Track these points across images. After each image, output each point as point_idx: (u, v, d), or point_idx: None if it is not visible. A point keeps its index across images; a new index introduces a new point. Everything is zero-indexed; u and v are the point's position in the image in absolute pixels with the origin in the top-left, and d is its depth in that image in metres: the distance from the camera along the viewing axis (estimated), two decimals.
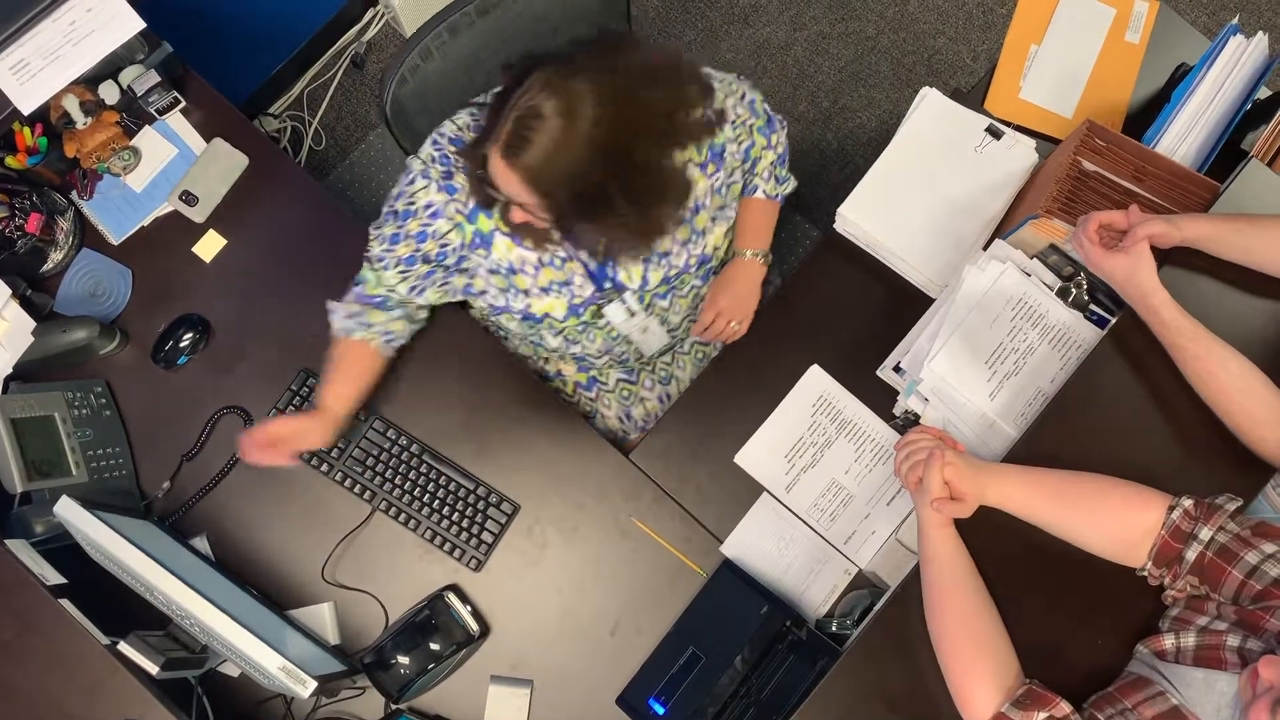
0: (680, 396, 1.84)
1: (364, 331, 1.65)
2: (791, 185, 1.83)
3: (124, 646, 1.46)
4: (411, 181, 1.56)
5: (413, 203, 1.55)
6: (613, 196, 1.34)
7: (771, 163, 1.76)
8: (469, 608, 1.68)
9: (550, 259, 1.60)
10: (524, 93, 1.31)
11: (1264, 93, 1.76)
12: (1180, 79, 1.81)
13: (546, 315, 1.67)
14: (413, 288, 1.63)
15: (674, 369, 1.99)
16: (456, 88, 1.81)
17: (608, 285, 1.65)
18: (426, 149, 1.56)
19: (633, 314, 1.72)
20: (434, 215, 1.55)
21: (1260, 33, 1.72)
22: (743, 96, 1.66)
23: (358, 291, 1.66)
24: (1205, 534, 1.28)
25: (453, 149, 1.54)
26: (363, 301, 1.65)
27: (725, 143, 1.61)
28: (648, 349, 1.85)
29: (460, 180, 1.53)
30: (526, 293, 1.63)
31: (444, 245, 1.58)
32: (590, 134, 1.28)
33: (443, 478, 1.75)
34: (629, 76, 1.32)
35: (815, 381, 1.77)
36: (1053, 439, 1.48)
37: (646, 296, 1.70)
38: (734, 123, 1.62)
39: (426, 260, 1.59)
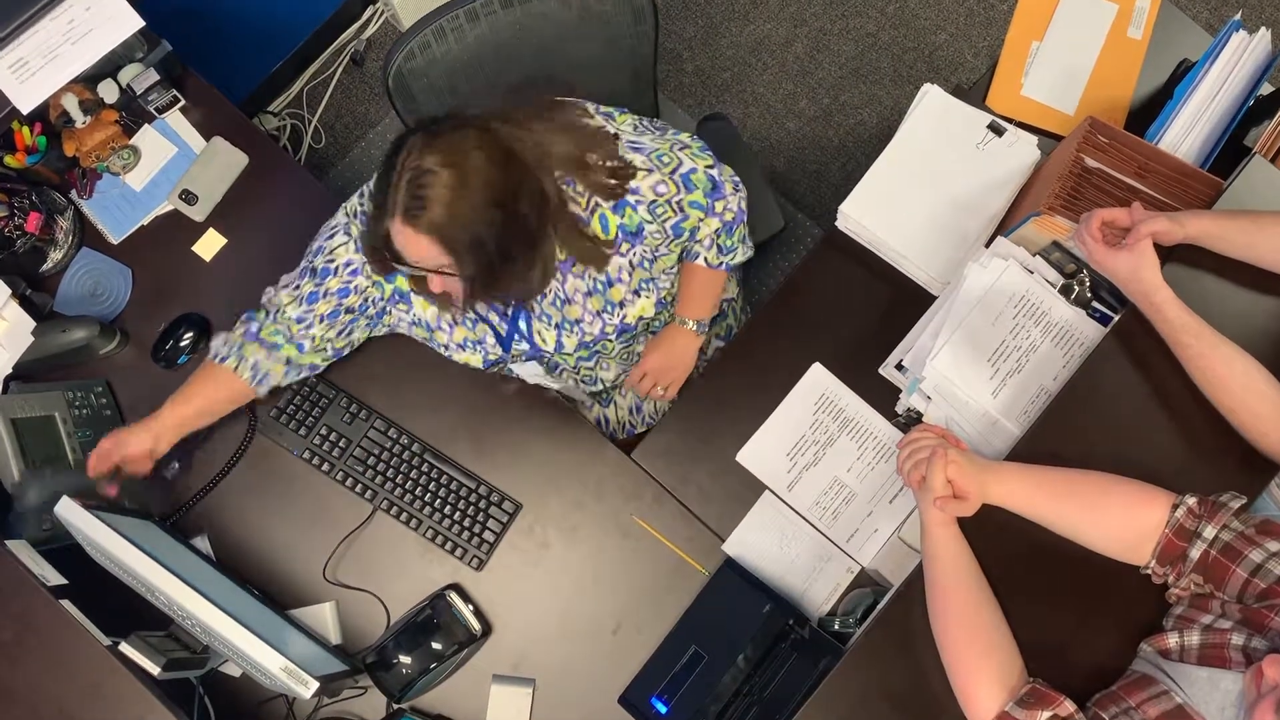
0: (681, 395, 1.84)
1: (238, 362, 1.61)
2: (743, 255, 1.75)
3: (125, 647, 1.46)
4: (332, 237, 1.57)
5: (332, 259, 1.57)
6: (517, 237, 1.37)
7: (715, 231, 1.66)
8: (471, 607, 1.67)
9: (462, 319, 1.63)
10: (405, 156, 1.32)
11: (1267, 89, 1.76)
12: (1183, 75, 1.80)
13: (466, 364, 1.69)
14: (340, 332, 1.62)
15: (598, 370, 1.95)
16: (466, 70, 1.81)
17: (519, 345, 1.66)
18: (352, 202, 1.58)
19: (549, 373, 1.73)
20: (354, 273, 1.58)
21: (1263, 28, 1.71)
22: (674, 172, 1.54)
23: (250, 330, 1.62)
24: (1209, 532, 1.27)
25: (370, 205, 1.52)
26: (249, 339, 1.62)
27: (640, 223, 1.54)
28: (574, 394, 1.86)
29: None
30: (445, 346, 1.67)
31: (365, 299, 1.60)
32: (484, 176, 1.31)
33: (444, 477, 1.74)
34: (505, 119, 1.37)
35: (817, 379, 1.76)
36: (1056, 437, 1.48)
37: (570, 360, 1.72)
38: (654, 202, 1.53)
39: (350, 311, 1.61)
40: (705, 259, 1.72)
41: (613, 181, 1.49)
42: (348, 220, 1.58)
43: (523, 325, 1.65)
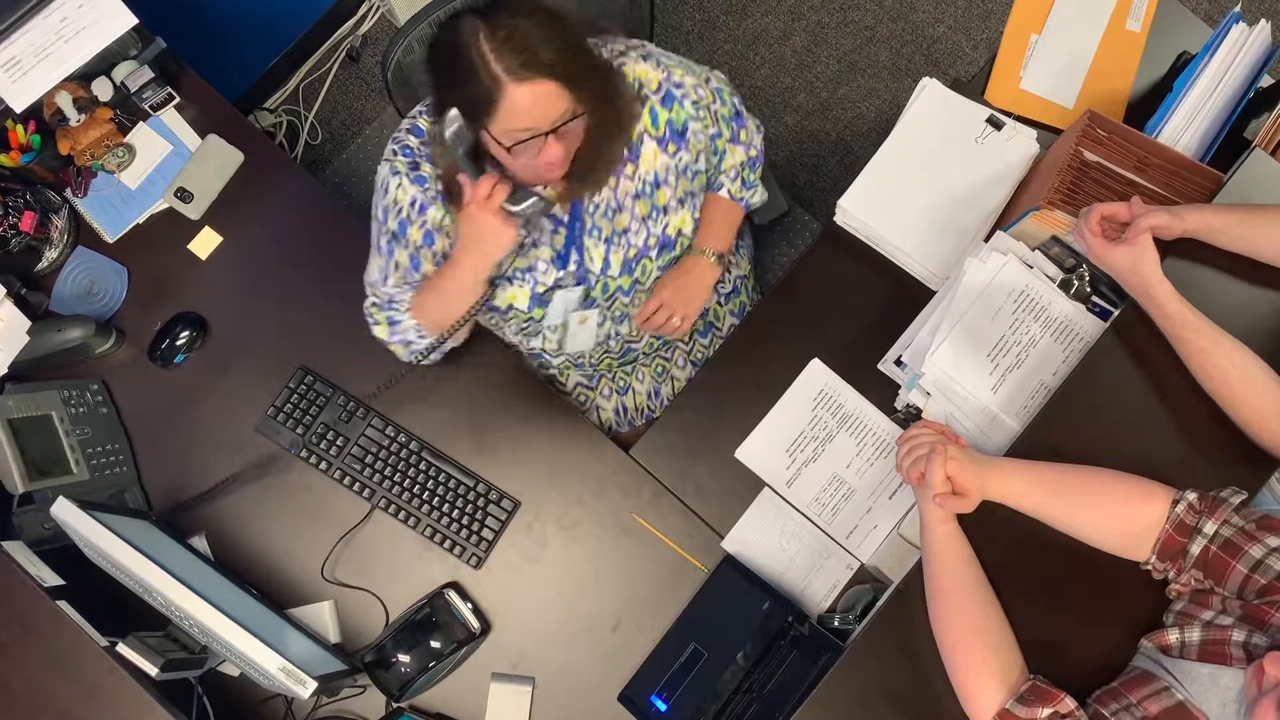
0: (680, 392, 1.83)
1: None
2: (760, 196, 1.80)
3: (123, 648, 1.46)
4: (386, 188, 1.55)
5: (400, 208, 1.55)
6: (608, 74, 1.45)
7: (740, 163, 1.74)
8: (470, 605, 1.67)
9: (528, 237, 1.61)
10: (473, 36, 1.31)
11: (1267, 81, 1.75)
12: (1182, 68, 1.80)
13: (511, 307, 1.66)
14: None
15: (633, 380, 1.97)
16: None
17: (572, 266, 1.65)
18: (388, 146, 1.56)
19: (584, 300, 1.71)
20: (422, 209, 1.55)
21: (1263, 20, 1.70)
22: (707, 81, 1.64)
23: (393, 335, 1.65)
24: (1209, 528, 1.27)
25: (414, 139, 1.54)
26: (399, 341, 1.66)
27: (687, 120, 1.60)
28: (573, 345, 1.81)
29: (427, 170, 1.53)
30: (492, 281, 1.62)
31: (443, 232, 1.58)
32: (560, 15, 1.35)
33: (442, 475, 1.74)
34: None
35: (816, 375, 1.76)
36: (1055, 432, 1.47)
37: (612, 286, 1.69)
38: (696, 102, 1.60)
39: (446, 255, 1.60)
40: (729, 190, 1.76)
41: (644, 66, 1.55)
42: (389, 162, 1.55)
43: (575, 246, 1.63)
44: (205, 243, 1.86)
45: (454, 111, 1.39)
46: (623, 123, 1.53)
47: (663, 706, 1.59)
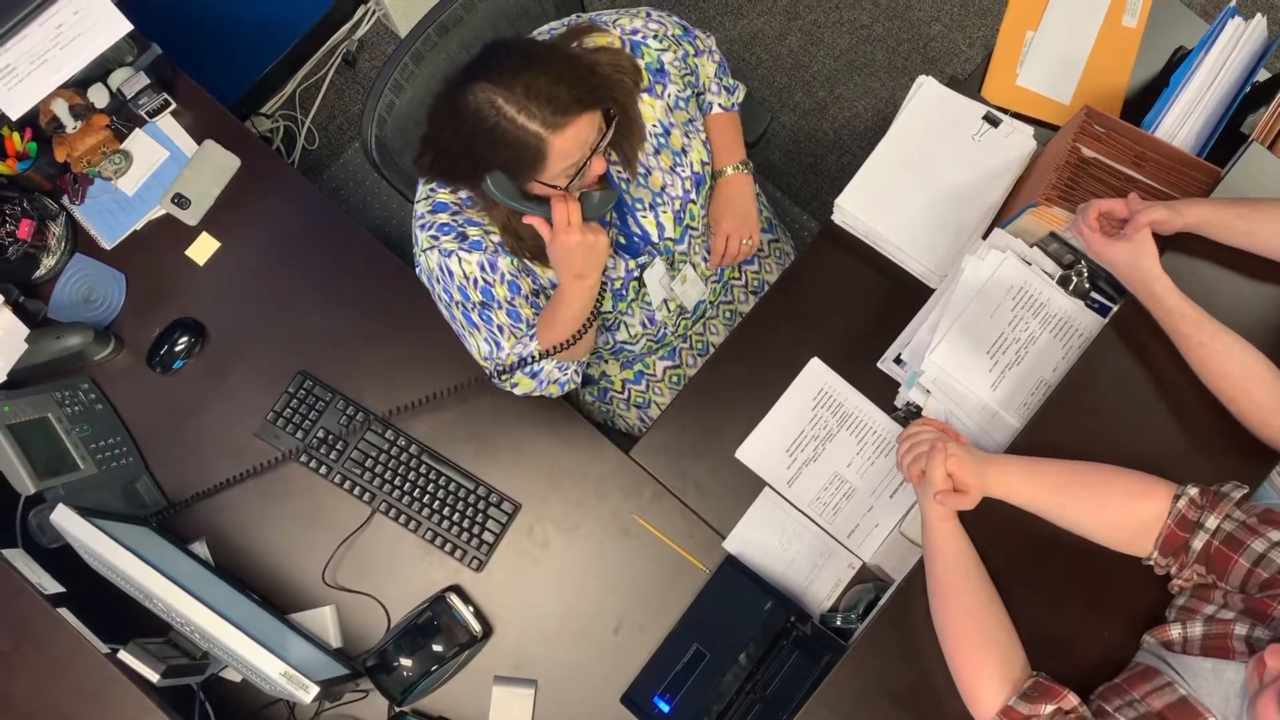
0: (680, 392, 1.83)
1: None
2: (742, 92, 1.83)
3: (124, 655, 1.46)
4: (450, 272, 1.56)
5: (475, 277, 1.56)
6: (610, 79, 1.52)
7: (714, 74, 1.76)
8: (471, 608, 1.67)
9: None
10: (492, 108, 1.34)
11: (1263, 75, 1.75)
12: (1178, 63, 1.79)
13: (599, 313, 1.67)
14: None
15: (708, 335, 1.98)
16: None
17: (637, 242, 1.67)
18: (421, 236, 1.57)
19: (670, 267, 1.73)
20: (494, 266, 1.56)
21: (1259, 14, 1.70)
22: (649, 15, 1.67)
23: (536, 388, 1.67)
24: (1211, 522, 1.27)
25: (445, 215, 1.55)
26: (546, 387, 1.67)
27: (659, 55, 1.63)
28: (690, 300, 1.84)
29: (476, 233, 1.55)
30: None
31: (527, 272, 1.61)
32: (557, 50, 1.44)
33: (442, 478, 1.74)
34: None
35: (815, 374, 1.75)
36: (1056, 429, 1.47)
37: (671, 247, 1.71)
38: (656, 35, 1.64)
39: (536, 293, 1.63)
40: (719, 105, 1.77)
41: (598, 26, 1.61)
42: (435, 249, 1.55)
43: (631, 223, 1.66)
44: (203, 248, 1.86)
45: (496, 173, 1.41)
46: (633, 99, 1.58)
47: (666, 708, 1.59)
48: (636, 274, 1.70)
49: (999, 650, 1.29)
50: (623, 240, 1.67)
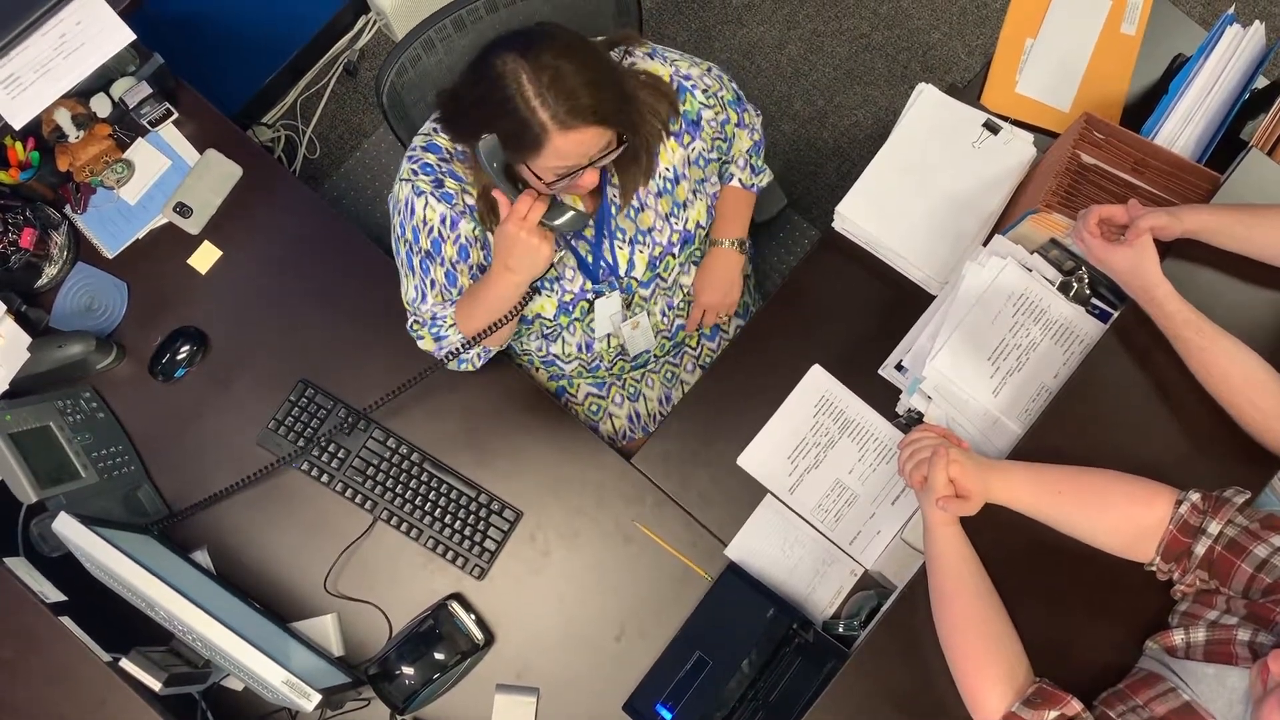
0: (681, 399, 1.83)
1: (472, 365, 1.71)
2: (768, 177, 1.85)
3: (126, 663, 1.46)
4: (412, 209, 1.56)
5: (430, 227, 1.56)
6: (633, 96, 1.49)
7: (748, 150, 1.78)
8: (473, 616, 1.67)
9: (559, 243, 1.62)
10: (515, 80, 1.33)
11: (1262, 82, 1.76)
12: (1177, 70, 1.80)
13: (538, 316, 1.69)
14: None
15: (642, 386, 1.98)
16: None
17: (600, 269, 1.66)
18: (405, 166, 1.57)
19: (626, 307, 1.74)
20: (454, 224, 1.56)
21: (1257, 22, 1.71)
22: (709, 70, 1.66)
23: (440, 349, 1.68)
24: (1214, 528, 1.27)
25: (433, 156, 1.55)
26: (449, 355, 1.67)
27: (700, 109, 1.62)
28: (635, 347, 1.85)
29: (453, 186, 1.54)
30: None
31: (481, 243, 1.60)
32: (592, 50, 1.40)
33: (444, 486, 1.74)
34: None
35: (817, 381, 1.76)
36: (1057, 435, 1.47)
37: (634, 286, 1.71)
38: (705, 90, 1.63)
39: (482, 267, 1.63)
40: (740, 180, 1.80)
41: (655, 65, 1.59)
42: (410, 182, 1.55)
43: (606, 248, 1.66)
44: (204, 257, 1.86)
45: (491, 136, 1.41)
46: (652, 142, 1.58)
47: (668, 715, 1.59)
48: (589, 297, 1.70)
49: (1002, 656, 1.29)
50: (590, 259, 1.67)
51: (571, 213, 1.49)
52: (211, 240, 1.86)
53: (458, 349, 1.65)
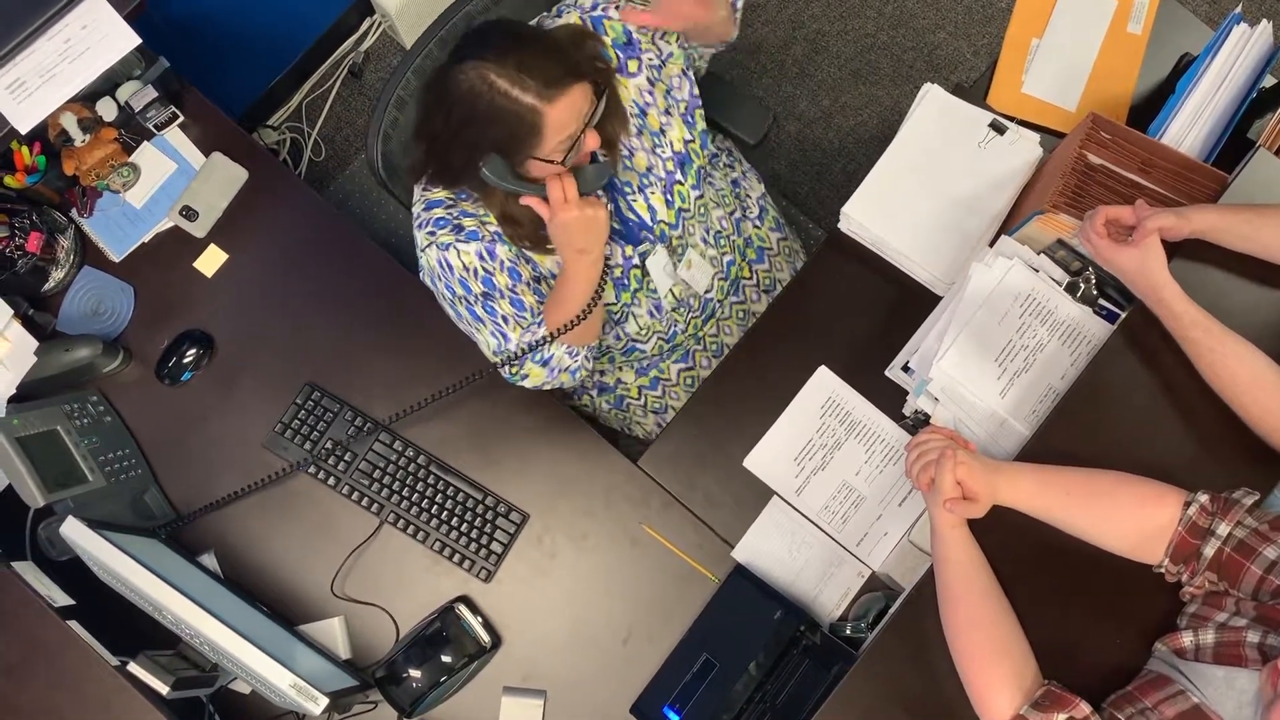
0: (688, 401, 1.83)
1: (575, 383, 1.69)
2: None
3: (134, 667, 1.46)
4: (450, 266, 1.56)
5: (475, 267, 1.56)
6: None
7: None
8: (480, 619, 1.67)
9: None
10: (484, 84, 1.35)
11: (1269, 81, 1.75)
12: (1184, 69, 1.79)
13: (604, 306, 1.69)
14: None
15: (721, 336, 1.98)
16: None
17: (633, 229, 1.66)
18: (420, 236, 1.58)
19: (672, 254, 1.73)
20: (492, 255, 1.57)
21: (1264, 21, 1.70)
22: None
23: (549, 377, 1.65)
24: (1223, 529, 1.26)
25: (440, 210, 1.56)
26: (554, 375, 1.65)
27: (622, 28, 1.60)
28: (700, 284, 1.83)
29: (471, 223, 1.55)
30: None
31: (526, 258, 1.61)
32: (522, 24, 1.45)
33: (450, 488, 1.74)
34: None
35: (823, 383, 1.75)
36: (1065, 436, 1.47)
37: (667, 232, 1.70)
38: (615, 3, 1.60)
39: (538, 279, 1.63)
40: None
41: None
42: (432, 245, 1.56)
43: (624, 207, 1.66)
44: (211, 260, 1.86)
45: (491, 156, 1.42)
46: (611, 76, 1.57)
47: (675, 718, 1.59)
48: (637, 262, 1.69)
49: (1010, 659, 1.29)
50: (618, 226, 1.67)
51: (596, 166, 1.52)
52: (217, 243, 1.86)
53: (566, 362, 1.63)
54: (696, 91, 1.70)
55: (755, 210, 2.00)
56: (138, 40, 1.73)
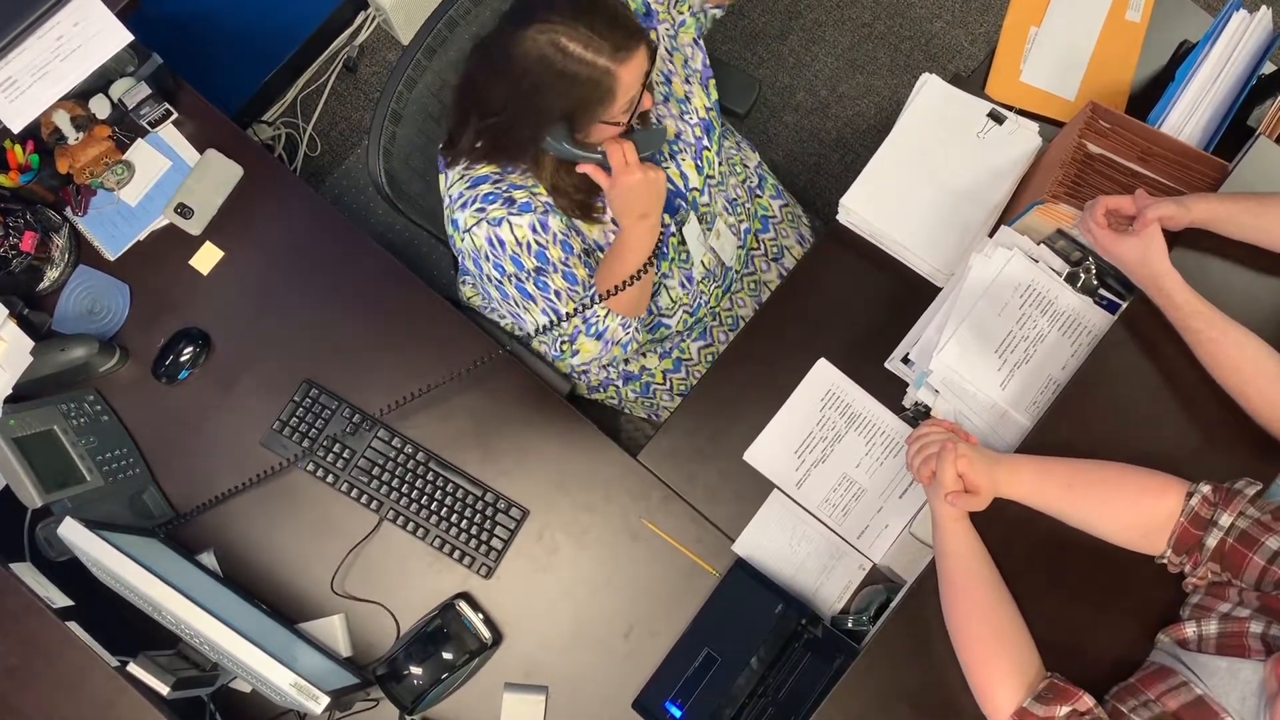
0: (687, 394, 1.82)
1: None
2: None
3: (133, 667, 1.46)
4: (501, 242, 1.53)
5: (529, 241, 1.54)
6: None
7: None
8: (481, 615, 1.66)
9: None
10: (554, 49, 1.34)
11: (1269, 68, 1.74)
12: (1183, 57, 1.79)
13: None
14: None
15: (736, 309, 1.98)
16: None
17: (670, 195, 1.65)
18: (465, 215, 1.55)
19: (701, 222, 1.73)
20: (545, 227, 1.55)
21: (1264, 7, 1.69)
22: None
23: (603, 355, 1.66)
24: (1225, 520, 1.26)
25: (487, 185, 1.54)
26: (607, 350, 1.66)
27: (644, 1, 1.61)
28: (728, 254, 1.83)
29: (522, 195, 1.53)
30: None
31: (578, 230, 1.60)
32: None
33: (450, 485, 1.73)
34: None
35: (823, 375, 1.75)
36: (1066, 427, 1.47)
37: (696, 200, 1.70)
38: None
39: (588, 251, 1.62)
40: None
41: None
42: (482, 221, 1.53)
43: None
44: (206, 258, 1.85)
45: (555, 125, 1.41)
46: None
47: (677, 713, 1.58)
48: (674, 230, 1.69)
49: (1013, 651, 1.28)
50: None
51: (652, 130, 1.52)
52: (213, 241, 1.85)
53: (620, 334, 1.63)
54: (708, 61, 1.71)
55: (755, 180, 2.00)
56: (130, 37, 1.72)
